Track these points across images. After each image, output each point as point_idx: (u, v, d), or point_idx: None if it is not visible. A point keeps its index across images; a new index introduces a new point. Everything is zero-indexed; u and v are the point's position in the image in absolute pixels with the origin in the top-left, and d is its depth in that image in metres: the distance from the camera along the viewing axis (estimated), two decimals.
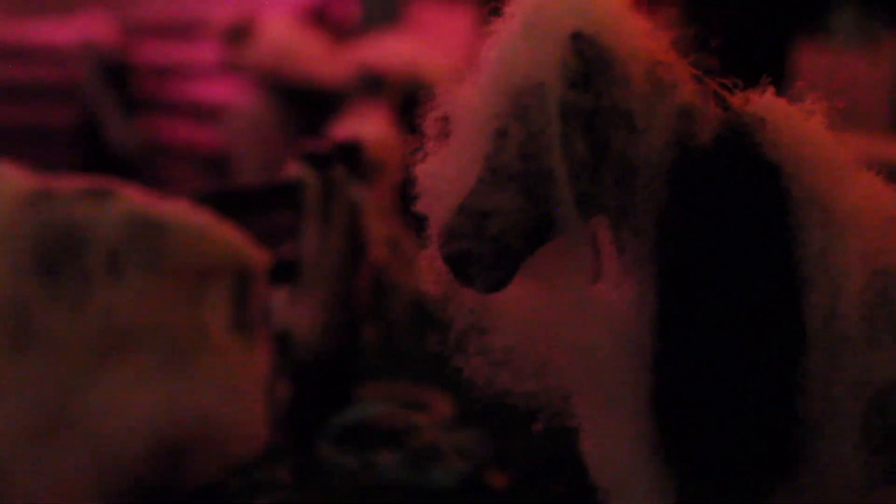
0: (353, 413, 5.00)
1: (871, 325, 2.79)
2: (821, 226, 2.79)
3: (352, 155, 5.11)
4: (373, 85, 7.57)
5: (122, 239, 2.76)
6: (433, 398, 5.44)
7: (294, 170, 5.02)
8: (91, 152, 9.97)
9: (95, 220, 2.79)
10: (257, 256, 3.00)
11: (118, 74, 10.12)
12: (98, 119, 10.04)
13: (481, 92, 2.71)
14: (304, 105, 8.13)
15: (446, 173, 2.76)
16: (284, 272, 5.09)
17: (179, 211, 2.93)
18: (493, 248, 2.62)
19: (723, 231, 2.74)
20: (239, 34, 8.54)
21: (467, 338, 2.84)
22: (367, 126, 6.62)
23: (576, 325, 2.79)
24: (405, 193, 2.85)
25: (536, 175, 2.62)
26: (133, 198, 2.89)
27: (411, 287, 5.18)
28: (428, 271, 2.81)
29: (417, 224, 2.82)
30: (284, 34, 8.39)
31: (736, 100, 2.82)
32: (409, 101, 7.09)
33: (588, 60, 2.64)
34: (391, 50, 7.88)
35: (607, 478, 2.91)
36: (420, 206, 2.80)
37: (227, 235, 2.93)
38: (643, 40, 2.71)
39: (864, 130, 8.28)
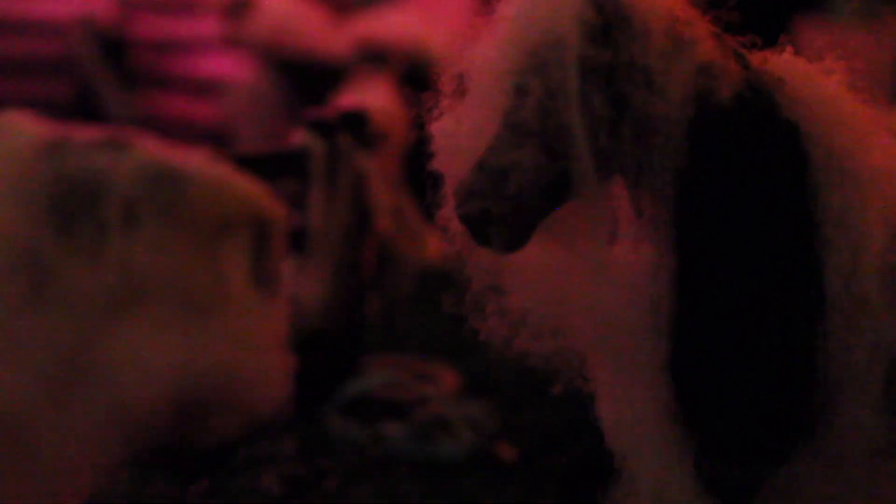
0: (360, 384, 4.97)
1: (892, 288, 2.77)
2: (841, 186, 2.76)
3: (357, 123, 5.07)
4: (375, 58, 7.53)
5: (139, 190, 2.72)
6: (439, 370, 5.41)
7: (299, 137, 4.98)
8: (88, 127, 9.89)
9: (112, 170, 2.76)
10: (277, 211, 2.96)
11: (116, 49, 10.07)
12: (95, 94, 9.99)
13: (498, 48, 2.68)
14: (305, 79, 8.08)
15: (463, 131, 2.73)
16: (291, 241, 5.05)
17: (198, 162, 2.89)
18: (511, 206, 2.59)
19: (742, 191, 2.71)
20: (239, 8, 8.47)
21: (484, 299, 2.81)
22: (372, 96, 6.58)
23: (593, 286, 2.76)
24: (411, 164, 2.82)
25: (555, 131, 2.59)
26: (150, 149, 2.86)
27: (417, 257, 5.15)
28: (445, 231, 2.78)
29: (432, 183, 2.79)
30: (284, 8, 8.33)
31: (755, 58, 2.79)
32: (411, 73, 7.05)
33: (607, 15, 2.61)
34: (393, 23, 7.84)
35: (624, 442, 2.88)
36: (436, 165, 2.77)
37: (247, 189, 2.89)
38: None
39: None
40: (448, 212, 2.74)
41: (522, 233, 2.64)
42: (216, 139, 9.27)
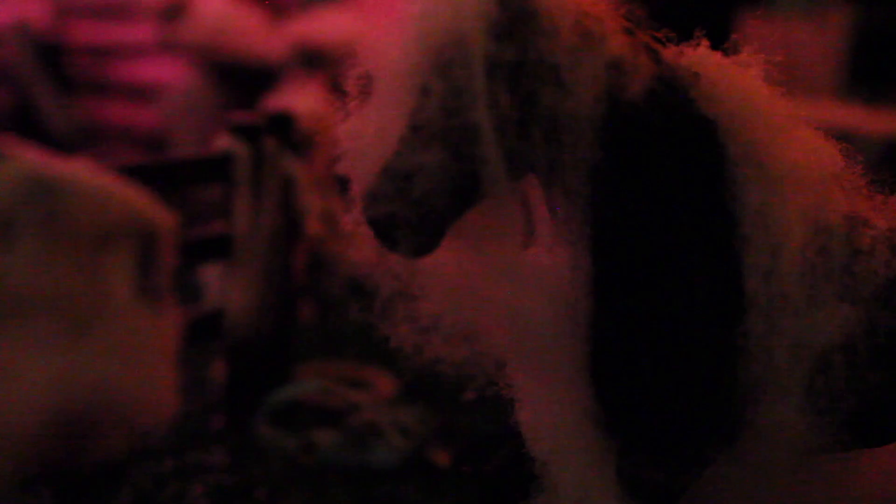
0: (290, 391, 4.88)
1: (812, 285, 2.71)
2: (758, 182, 2.70)
3: (283, 127, 4.98)
4: (309, 60, 7.47)
5: (17, 202, 2.63)
6: (374, 375, 5.33)
7: (224, 142, 4.89)
8: (25, 134, 9.79)
9: None
10: (165, 221, 2.87)
11: (52, 55, 9.98)
12: (32, 100, 9.89)
13: (402, 48, 2.60)
14: (241, 81, 8.02)
15: (369, 133, 2.65)
16: (217, 248, 4.96)
17: (78, 172, 2.80)
18: (417, 210, 2.52)
19: (657, 189, 2.64)
20: (174, 12, 8.40)
21: (394, 305, 2.74)
22: (302, 99, 6.51)
23: (508, 290, 2.69)
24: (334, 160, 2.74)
25: (461, 132, 2.51)
26: (29, 159, 2.77)
27: (348, 262, 5.06)
28: (354, 236, 2.71)
29: (342, 187, 2.71)
30: (219, 11, 8.26)
31: (669, 53, 2.73)
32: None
33: (512, 11, 2.53)
34: (328, 24, 7.78)
35: (544, 447, 2.82)
36: (343, 168, 2.69)
37: (130, 198, 2.80)
38: None
39: (809, 98, 8.27)
40: (356, 216, 2.66)
41: (431, 237, 2.57)
42: (154, 143, 9.19)
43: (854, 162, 2.83)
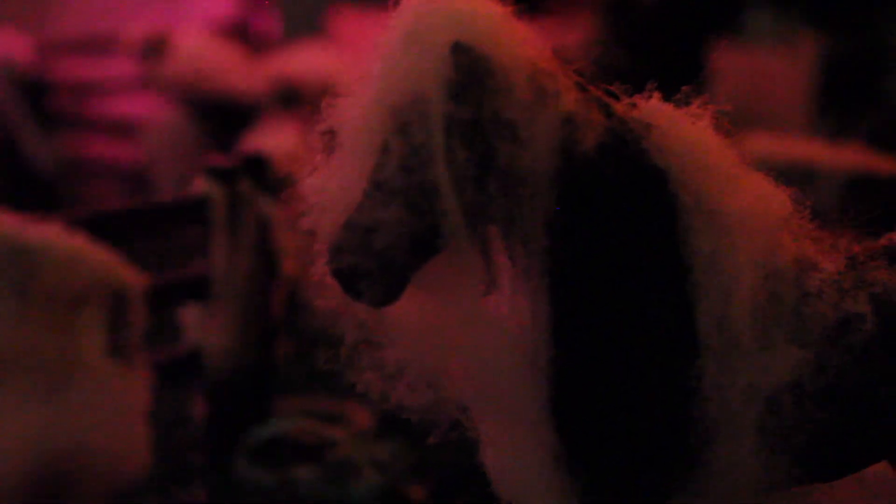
0: (267, 429, 4.96)
1: (763, 329, 2.80)
2: (709, 230, 2.79)
3: (258, 168, 5.07)
4: (288, 97, 7.55)
5: None
6: (351, 410, 5.40)
7: (200, 185, 4.98)
8: (8, 171, 9.86)
9: None
10: (133, 280, 2.95)
11: (35, 92, 10.02)
12: (15, 137, 9.94)
13: (364, 106, 2.69)
14: (221, 118, 8.09)
15: (332, 188, 2.74)
16: (196, 289, 5.05)
17: (50, 235, 2.88)
18: (379, 262, 2.61)
19: (611, 238, 2.74)
20: (154, 49, 8.48)
21: (359, 352, 2.82)
22: (278, 138, 6.59)
23: (470, 336, 2.77)
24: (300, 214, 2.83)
25: (419, 188, 2.61)
26: (2, 224, 2.84)
27: (315, 310, 5.15)
28: (319, 286, 2.80)
29: (307, 240, 2.80)
30: (199, 48, 8.35)
31: (621, 106, 2.82)
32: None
33: (468, 72, 2.62)
34: (307, 61, 7.85)
35: (510, 489, 2.90)
36: (307, 222, 2.78)
37: (100, 260, 2.88)
38: (524, 49, 2.69)
39: (779, 128, 8.36)
40: (321, 267, 2.75)
41: (393, 287, 2.65)
42: (136, 179, 9.25)
43: (803, 206, 2.91)
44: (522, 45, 2.70)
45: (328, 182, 2.75)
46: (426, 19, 2.66)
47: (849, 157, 5.89)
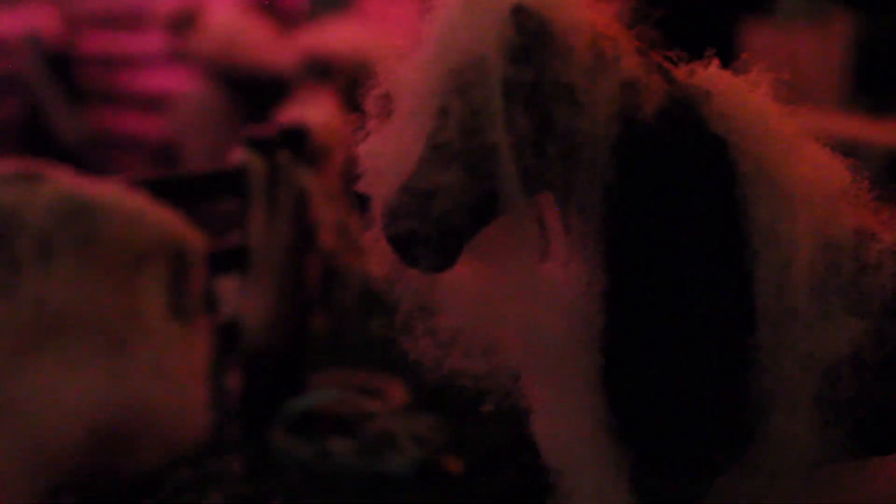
0: (305, 401, 4.95)
1: (822, 299, 2.77)
2: (769, 198, 2.76)
3: (297, 140, 5.04)
4: (320, 71, 7.52)
5: (53, 224, 2.70)
6: (387, 385, 5.39)
7: (239, 156, 4.96)
8: (37, 144, 9.87)
9: (25, 204, 2.74)
10: (195, 240, 2.93)
11: (63, 65, 10.04)
12: (43, 110, 9.96)
13: (422, 69, 2.66)
14: (251, 92, 8.07)
15: (388, 152, 2.71)
16: (233, 260, 5.04)
17: (112, 194, 2.86)
18: (437, 227, 2.57)
19: (670, 205, 2.71)
20: (184, 23, 8.46)
21: (414, 319, 2.80)
22: (314, 111, 6.56)
23: (524, 304, 2.74)
24: (354, 178, 2.80)
25: (479, 151, 2.58)
26: (64, 181, 2.83)
27: (361, 273, 5.13)
28: (373, 252, 2.77)
29: (361, 204, 2.77)
30: (229, 22, 8.32)
31: (681, 73, 2.79)
32: (356, 86, 7.02)
33: (529, 34, 2.59)
34: (337, 36, 7.83)
35: (560, 458, 2.88)
36: (362, 187, 2.75)
37: (162, 219, 2.87)
38: (585, 13, 2.66)
39: (813, 107, 8.31)
40: (376, 233, 2.72)
41: (450, 253, 2.62)
42: (164, 154, 9.25)
43: (861, 177, 2.88)
44: (583, 8, 2.67)
45: (384, 146, 2.72)
46: None
47: (888, 133, 5.84)
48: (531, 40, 2.60)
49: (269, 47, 8.23)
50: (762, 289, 2.75)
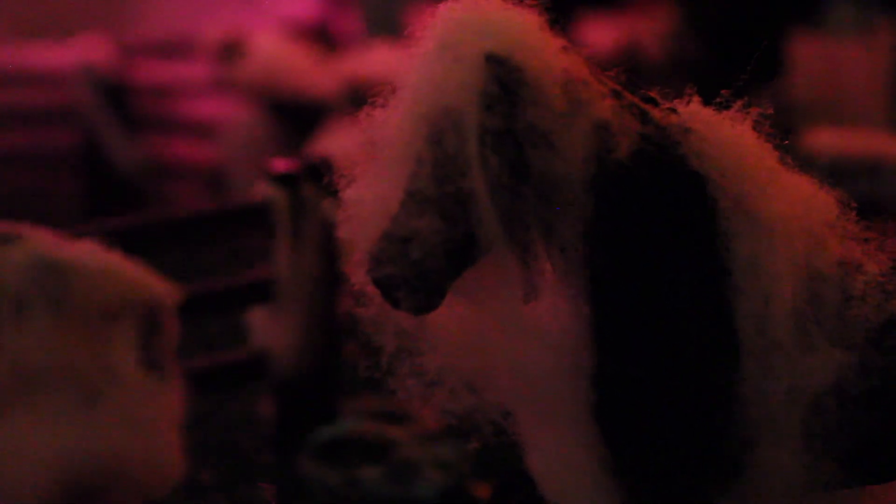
0: (333, 429, 5.03)
1: (805, 331, 2.80)
2: (749, 233, 2.79)
3: (321, 172, 5.12)
4: (360, 97, 7.60)
5: (28, 283, 2.79)
6: (417, 411, 5.44)
7: (263, 190, 5.06)
8: (93, 174, 10.06)
9: (1, 263, 2.83)
10: (166, 293, 3.02)
11: (117, 95, 10.20)
12: (99, 140, 10.13)
13: (399, 116, 2.73)
14: (297, 118, 8.18)
15: (370, 199, 2.78)
16: (262, 292, 5.14)
17: (84, 252, 2.95)
18: (416, 271, 2.64)
19: (649, 244, 2.75)
20: (231, 51, 8.61)
21: (399, 359, 2.86)
22: (346, 140, 6.65)
23: (511, 343, 2.80)
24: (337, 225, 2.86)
25: (453, 197, 2.64)
26: (38, 240, 2.92)
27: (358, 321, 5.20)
28: (360, 295, 2.84)
29: (345, 250, 2.84)
30: (274, 50, 8.45)
31: (658, 112, 2.83)
32: None
33: (502, 82, 2.65)
34: (378, 61, 7.90)
35: (556, 492, 2.93)
36: (345, 232, 2.82)
37: (133, 274, 2.95)
38: (557, 58, 2.71)
39: (858, 120, 8.28)
40: (361, 277, 2.79)
41: (431, 295, 2.68)
42: (215, 180, 9.38)
43: (847, 208, 2.91)
44: (556, 54, 2.71)
45: (366, 192, 2.79)
46: (459, 29, 2.69)
47: None
48: (504, 88, 2.65)
49: (314, 74, 8.34)
50: (745, 323, 2.78)
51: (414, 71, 2.73)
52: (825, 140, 5.78)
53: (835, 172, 2.95)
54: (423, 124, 2.68)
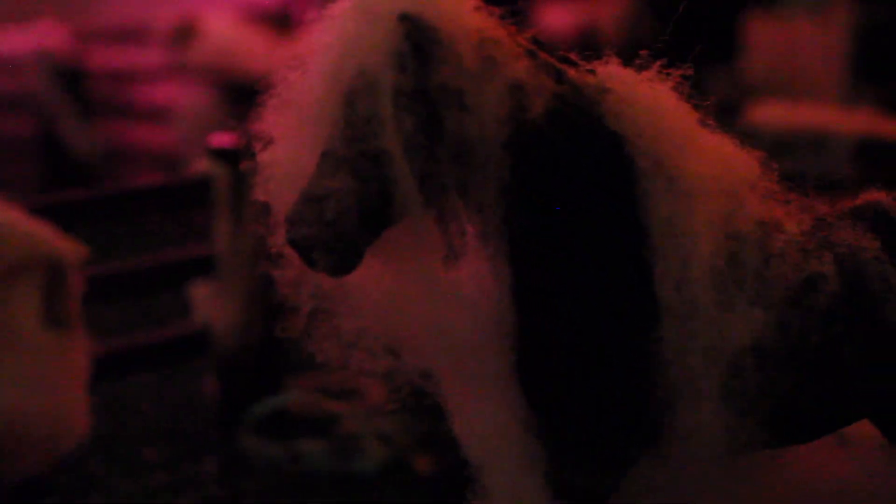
0: (273, 402, 5.02)
1: (723, 291, 2.79)
2: (666, 193, 2.79)
3: (254, 147, 5.10)
4: None
5: None
6: (364, 385, 5.45)
7: (203, 165, 5.05)
8: (50, 159, 10.02)
9: None
10: (70, 252, 3.00)
11: (73, 81, 10.15)
12: (56, 126, 10.08)
13: (313, 77, 2.72)
14: (250, 101, 8.15)
15: (287, 161, 2.77)
16: (204, 267, 5.13)
17: None
18: (332, 231, 2.62)
19: (566, 202, 2.74)
20: (184, 35, 8.58)
21: (317, 322, 2.85)
22: None
23: (432, 305, 2.79)
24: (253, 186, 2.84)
25: (366, 157, 2.63)
26: None
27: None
28: (277, 257, 2.83)
29: (262, 211, 2.83)
30: (227, 33, 8.43)
31: (575, 73, 2.82)
32: None
33: (415, 41, 2.63)
34: None
35: (479, 454, 2.92)
36: (263, 194, 2.81)
37: (35, 232, 2.93)
38: (471, 18, 2.70)
39: (813, 97, 8.29)
40: (278, 239, 2.78)
41: (348, 256, 2.67)
42: (170, 163, 9.36)
43: (769, 168, 2.90)
44: (469, 13, 2.70)
45: (282, 154, 2.78)
46: None
47: (860, 121, 5.84)
48: (417, 48, 2.63)
49: (266, 56, 8.31)
50: (663, 283, 2.78)
51: (328, 31, 2.72)
52: (771, 113, 5.79)
53: (780, 145, 2.94)
54: (338, 85, 2.66)
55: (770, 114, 5.79)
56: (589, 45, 3.01)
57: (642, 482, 2.89)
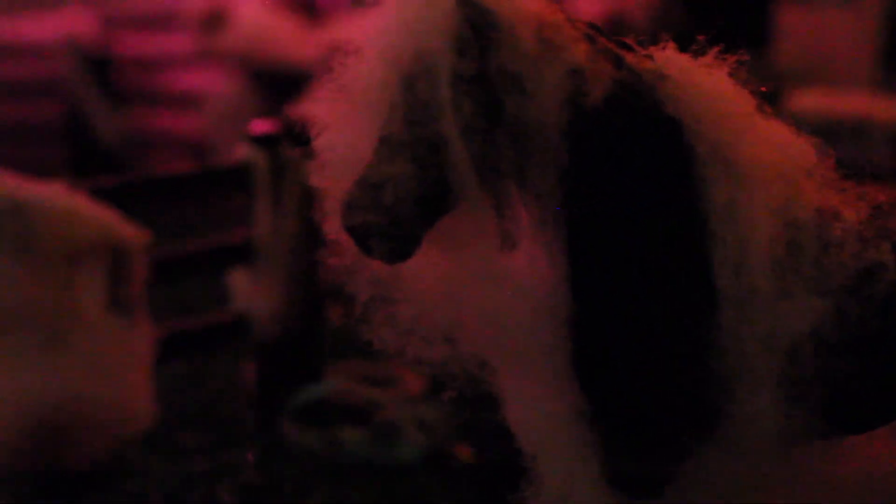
0: (313, 391, 5.02)
1: (782, 278, 2.78)
2: (725, 179, 2.78)
3: (302, 134, 5.10)
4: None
5: None
6: (404, 373, 5.44)
7: (243, 152, 5.04)
8: (78, 146, 10.04)
9: None
10: (134, 235, 3.00)
11: (101, 67, 10.18)
12: (83, 112, 10.10)
13: (371, 62, 2.71)
14: (280, 87, 8.16)
15: (344, 146, 2.76)
16: (243, 254, 5.12)
17: (50, 194, 2.94)
18: (389, 218, 2.62)
19: (625, 190, 2.73)
20: (213, 22, 8.57)
21: (374, 309, 2.84)
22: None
23: (488, 292, 2.78)
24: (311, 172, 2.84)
25: (425, 142, 2.62)
26: (2, 183, 2.91)
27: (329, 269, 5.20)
28: (334, 244, 2.82)
29: (319, 197, 2.82)
30: (257, 19, 8.42)
31: (633, 58, 2.80)
32: None
33: (475, 26, 2.62)
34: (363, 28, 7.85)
35: (533, 444, 2.91)
36: (321, 180, 2.80)
37: (99, 217, 2.94)
38: (530, 2, 2.69)
39: (844, 85, 8.27)
40: (335, 225, 2.77)
41: (407, 242, 2.66)
42: (199, 150, 9.36)
43: (826, 155, 2.89)
44: None
45: (339, 139, 2.77)
46: None
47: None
48: (476, 31, 2.63)
49: (296, 42, 8.31)
50: (722, 269, 2.76)
51: (385, 15, 2.70)
52: (810, 102, 5.77)
53: (819, 134, 2.91)
54: (396, 69, 2.65)
55: (810, 102, 5.76)
56: (618, 33, 2.99)
57: (698, 472, 2.87)
